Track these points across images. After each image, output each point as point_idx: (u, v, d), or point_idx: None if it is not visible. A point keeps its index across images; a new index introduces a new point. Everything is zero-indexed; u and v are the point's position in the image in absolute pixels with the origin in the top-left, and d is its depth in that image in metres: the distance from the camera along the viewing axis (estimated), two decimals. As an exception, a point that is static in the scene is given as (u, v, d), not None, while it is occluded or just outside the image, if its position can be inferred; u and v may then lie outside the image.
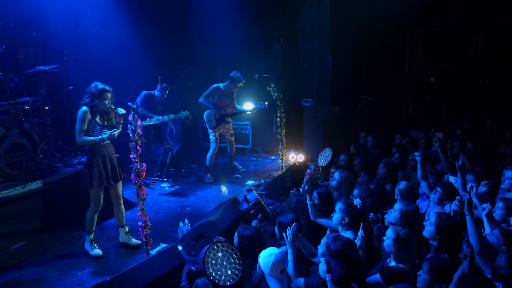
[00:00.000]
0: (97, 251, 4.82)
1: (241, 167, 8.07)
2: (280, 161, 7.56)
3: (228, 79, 7.38)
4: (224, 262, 3.41)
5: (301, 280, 3.30)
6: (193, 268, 3.39)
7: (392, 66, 9.83)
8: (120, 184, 4.99)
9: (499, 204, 4.17)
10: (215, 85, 7.42)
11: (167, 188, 7.19)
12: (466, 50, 8.94)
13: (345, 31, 8.49)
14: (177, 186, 7.31)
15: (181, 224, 5.08)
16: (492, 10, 8.77)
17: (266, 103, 7.43)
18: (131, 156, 4.38)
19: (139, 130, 4.29)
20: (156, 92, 7.72)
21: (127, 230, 5.05)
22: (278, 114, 7.29)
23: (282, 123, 7.28)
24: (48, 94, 6.64)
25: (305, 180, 4.41)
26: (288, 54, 9.19)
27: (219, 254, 3.44)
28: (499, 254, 3.09)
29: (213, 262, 3.37)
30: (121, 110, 4.57)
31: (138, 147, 4.33)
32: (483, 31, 8.80)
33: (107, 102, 4.63)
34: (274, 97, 7.26)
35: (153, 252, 4.66)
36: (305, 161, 7.31)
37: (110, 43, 9.09)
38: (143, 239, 4.51)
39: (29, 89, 6.99)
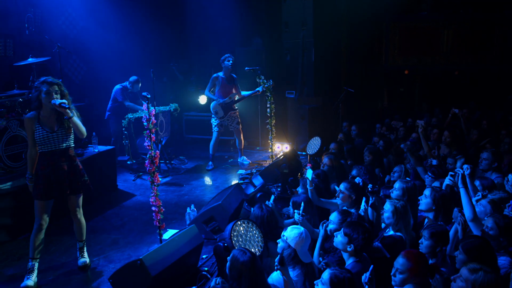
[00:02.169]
0: (28, 282, 4.01)
1: (249, 162, 8.14)
2: (270, 150, 7.84)
3: (221, 63, 7.52)
4: (248, 237, 3.67)
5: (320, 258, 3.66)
6: (220, 244, 3.61)
7: (369, 59, 10.35)
8: (75, 200, 4.33)
9: (476, 182, 4.68)
10: (214, 74, 7.58)
11: (160, 179, 7.30)
12: (438, 44, 9.58)
13: (326, 25, 8.89)
14: (170, 177, 7.47)
15: (188, 209, 5.28)
16: (462, 5, 9.44)
17: (271, 80, 7.50)
18: (145, 143, 4.53)
19: (153, 119, 4.45)
20: (128, 84, 7.86)
21: (81, 245, 4.48)
22: (268, 105, 7.56)
23: (272, 114, 7.56)
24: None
25: (308, 167, 4.76)
26: (271, 47, 9.48)
27: (242, 230, 3.69)
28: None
29: (239, 238, 3.62)
30: (58, 100, 3.91)
31: (152, 135, 4.48)
32: (454, 25, 9.46)
33: (48, 97, 3.92)
34: (264, 89, 7.51)
35: (165, 237, 4.83)
36: (294, 150, 7.63)
37: (93, 35, 9.00)
38: (157, 223, 4.67)
39: (19, 82, 6.90)
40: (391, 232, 3.82)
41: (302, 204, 4.07)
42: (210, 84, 7.57)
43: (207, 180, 7.35)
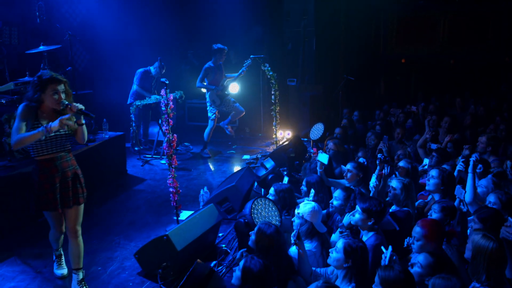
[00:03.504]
0: (62, 271, 4.06)
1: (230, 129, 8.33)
2: (274, 136, 8.06)
3: (215, 53, 7.58)
4: (266, 213, 3.93)
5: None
6: (241, 220, 3.87)
7: (367, 48, 10.59)
8: (75, 212, 3.71)
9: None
10: (205, 65, 7.66)
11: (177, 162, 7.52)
12: (435, 34, 9.86)
13: (327, 14, 9.11)
14: (178, 162, 7.66)
15: (202, 191, 5.52)
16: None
17: (249, 60, 7.60)
18: (164, 128, 4.74)
19: (171, 104, 4.66)
20: (152, 69, 7.94)
21: (81, 277, 3.79)
22: (272, 92, 7.78)
23: (276, 101, 7.79)
24: (51, 74, 6.73)
25: (320, 151, 5.04)
26: (272, 36, 9.66)
27: (260, 207, 3.94)
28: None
29: (258, 215, 3.87)
30: (78, 105, 3.41)
31: (170, 120, 4.69)
32: (449, 16, 9.74)
33: (56, 97, 3.38)
34: (269, 76, 7.73)
35: (182, 217, 5.06)
36: (298, 136, 7.87)
37: (96, 23, 9.06)
38: (174, 204, 4.90)
39: (29, 69, 7.03)
40: (397, 208, 4.11)
41: (312, 191, 4.34)
42: (202, 75, 7.63)
43: (214, 165, 7.59)
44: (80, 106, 3.41)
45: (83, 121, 3.53)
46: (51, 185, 3.49)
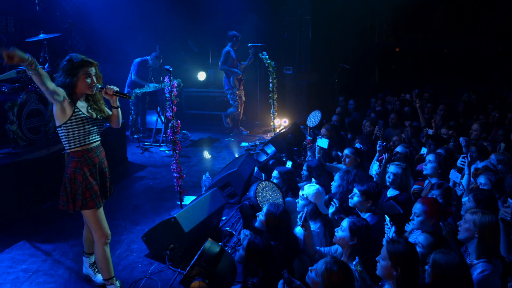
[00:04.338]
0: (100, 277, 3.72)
1: (247, 132, 8.79)
2: (272, 123, 8.18)
3: (230, 38, 7.84)
4: (270, 196, 4.06)
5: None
6: (246, 202, 3.99)
7: (363, 37, 10.70)
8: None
9: (472, 148, 5.15)
10: (225, 49, 7.88)
11: (167, 152, 7.64)
12: (429, 23, 10.00)
13: (323, 3, 9.20)
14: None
15: (204, 177, 5.64)
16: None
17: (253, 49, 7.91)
18: (168, 114, 4.83)
19: (175, 91, 4.75)
20: (150, 60, 7.98)
21: (92, 260, 3.79)
22: (270, 80, 7.88)
23: (274, 89, 7.89)
24: (51, 62, 6.75)
25: (318, 137, 5.18)
26: (268, 24, 9.71)
27: (265, 189, 4.07)
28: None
29: (263, 198, 4.00)
30: (114, 87, 3.23)
31: (174, 107, 4.79)
32: (443, 5, 9.87)
33: (89, 81, 3.17)
34: (267, 65, 7.82)
35: (186, 202, 5.18)
36: (296, 123, 8.00)
37: (94, 12, 9.01)
38: (178, 188, 5.01)
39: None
40: (396, 192, 4.27)
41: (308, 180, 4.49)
42: (223, 59, 7.86)
43: (213, 152, 7.70)
44: (116, 88, 3.23)
45: (118, 104, 3.33)
46: (95, 177, 3.29)
